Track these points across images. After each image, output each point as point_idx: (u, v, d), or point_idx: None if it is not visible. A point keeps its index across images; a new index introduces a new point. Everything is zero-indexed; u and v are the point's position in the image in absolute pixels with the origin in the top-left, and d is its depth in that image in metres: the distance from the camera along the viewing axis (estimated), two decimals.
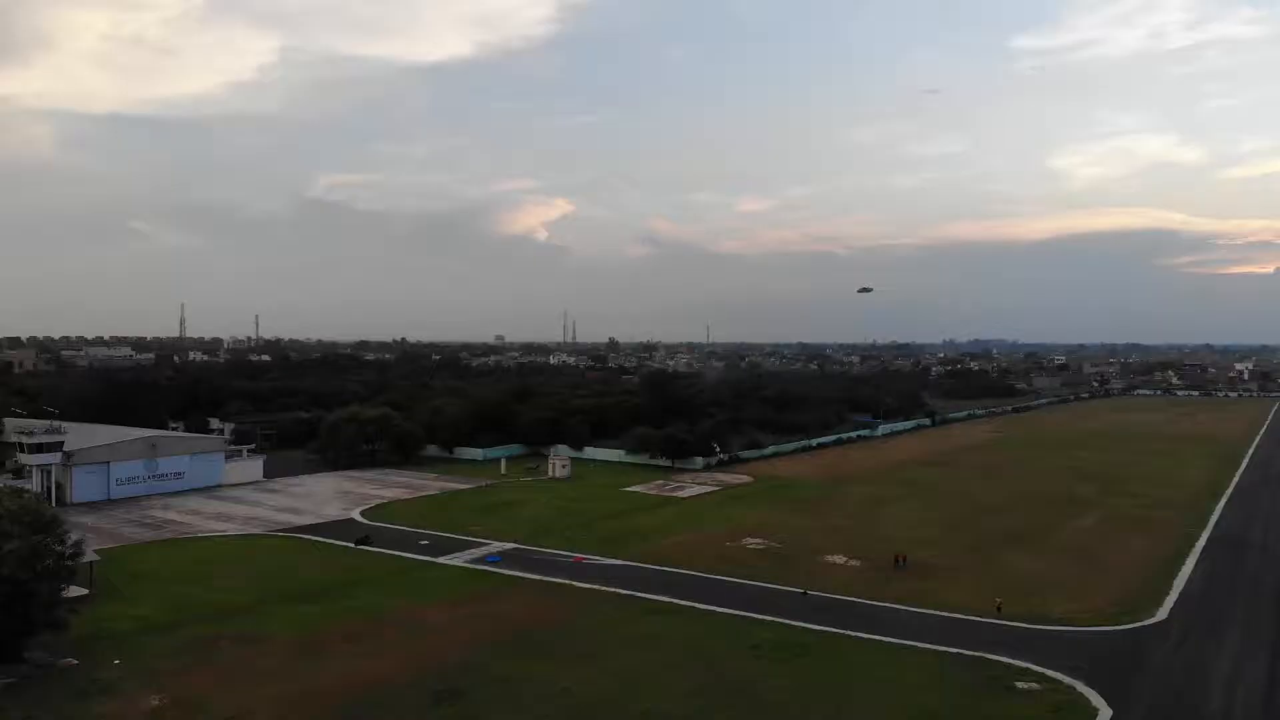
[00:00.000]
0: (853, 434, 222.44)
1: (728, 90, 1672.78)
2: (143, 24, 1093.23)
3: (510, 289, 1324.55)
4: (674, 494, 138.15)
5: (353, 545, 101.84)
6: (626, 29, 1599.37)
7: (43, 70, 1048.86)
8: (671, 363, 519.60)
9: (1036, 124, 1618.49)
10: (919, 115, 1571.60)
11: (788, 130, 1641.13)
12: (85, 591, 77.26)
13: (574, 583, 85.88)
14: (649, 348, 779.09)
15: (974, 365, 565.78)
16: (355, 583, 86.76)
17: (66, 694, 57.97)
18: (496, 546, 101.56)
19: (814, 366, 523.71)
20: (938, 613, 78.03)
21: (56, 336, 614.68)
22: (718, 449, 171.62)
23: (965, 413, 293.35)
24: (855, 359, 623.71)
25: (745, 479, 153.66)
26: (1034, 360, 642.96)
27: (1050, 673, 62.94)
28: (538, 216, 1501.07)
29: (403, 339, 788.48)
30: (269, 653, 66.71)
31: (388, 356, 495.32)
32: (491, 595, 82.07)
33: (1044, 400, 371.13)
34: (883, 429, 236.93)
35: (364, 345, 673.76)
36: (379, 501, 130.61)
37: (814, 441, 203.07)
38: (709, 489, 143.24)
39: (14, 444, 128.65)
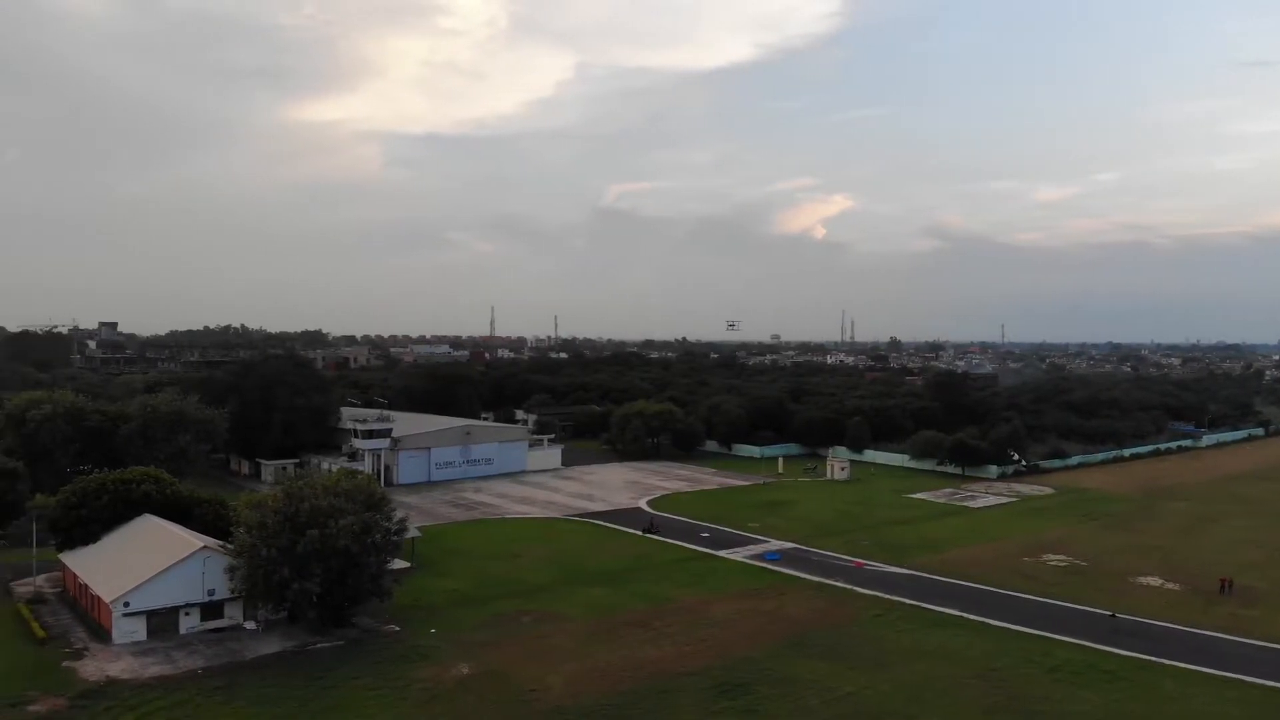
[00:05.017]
0: (1172, 444, 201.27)
1: (1022, 72, 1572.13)
2: (456, 49, 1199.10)
3: (787, 288, 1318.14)
4: (964, 503, 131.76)
5: (640, 533, 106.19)
6: (911, 17, 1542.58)
7: (369, 96, 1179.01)
8: (961, 363, 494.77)
9: None
10: (1243, 90, 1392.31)
11: (1092, 111, 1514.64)
12: (408, 565, 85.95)
13: (855, 588, 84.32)
14: (935, 347, 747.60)
15: None
16: (642, 569, 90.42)
17: (389, 657, 64.86)
18: (775, 545, 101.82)
19: (1127, 369, 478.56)
20: (1266, 644, 69.36)
21: (386, 335, 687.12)
22: (1015, 457, 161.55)
23: None
24: (1175, 361, 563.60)
25: (1045, 490, 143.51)
26: None
27: None
28: (816, 214, 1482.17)
29: (683, 338, 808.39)
30: (565, 631, 71.06)
31: (670, 355, 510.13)
32: (771, 593, 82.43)
33: None
34: (1207, 439, 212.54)
35: (649, 344, 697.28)
36: (663, 493, 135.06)
37: (1126, 452, 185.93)
38: (1004, 499, 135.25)
39: (350, 430, 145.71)
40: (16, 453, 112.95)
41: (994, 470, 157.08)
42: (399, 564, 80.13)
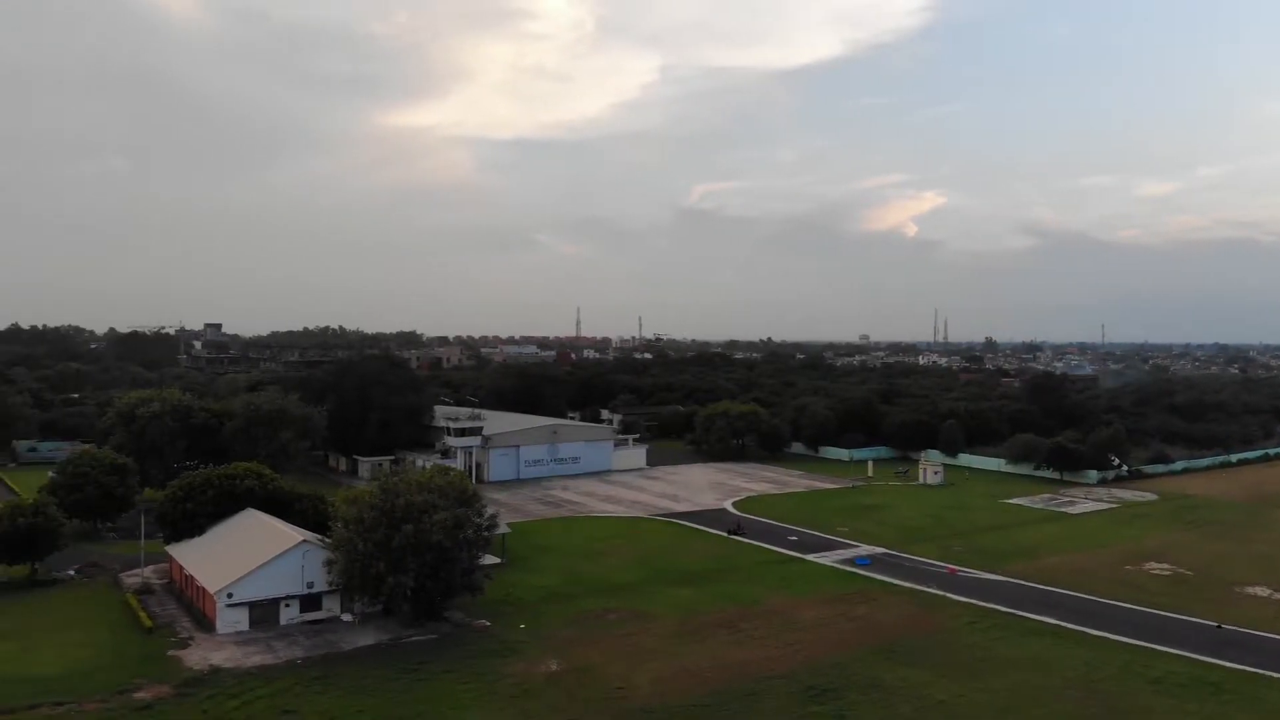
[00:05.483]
0: None
1: (1121, 64, 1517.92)
2: (543, 53, 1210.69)
3: (876, 287, 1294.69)
4: (1063, 509, 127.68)
5: (726, 534, 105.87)
6: (1003, 10, 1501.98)
7: (459, 101, 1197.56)
8: (1059, 364, 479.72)
9: None
10: None
11: (1194, 103, 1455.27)
12: (498, 560, 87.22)
13: (948, 594, 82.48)
14: (1032, 348, 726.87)
15: None
16: (729, 570, 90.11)
17: (480, 652, 65.98)
18: (865, 549, 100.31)
19: (1234, 370, 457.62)
20: None
21: (477, 336, 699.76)
22: (1115, 462, 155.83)
23: None
24: None
25: (1148, 496, 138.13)
26: None
27: None
28: (906, 211, 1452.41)
29: (768, 338, 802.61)
30: (651, 630, 71.28)
31: (755, 355, 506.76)
32: (860, 598, 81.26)
33: None
34: None
35: (733, 344, 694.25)
36: (748, 494, 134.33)
37: (1234, 457, 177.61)
38: (1104, 505, 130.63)
39: (443, 428, 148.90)
40: (126, 448, 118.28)
41: (1094, 475, 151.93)
42: (490, 559, 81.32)
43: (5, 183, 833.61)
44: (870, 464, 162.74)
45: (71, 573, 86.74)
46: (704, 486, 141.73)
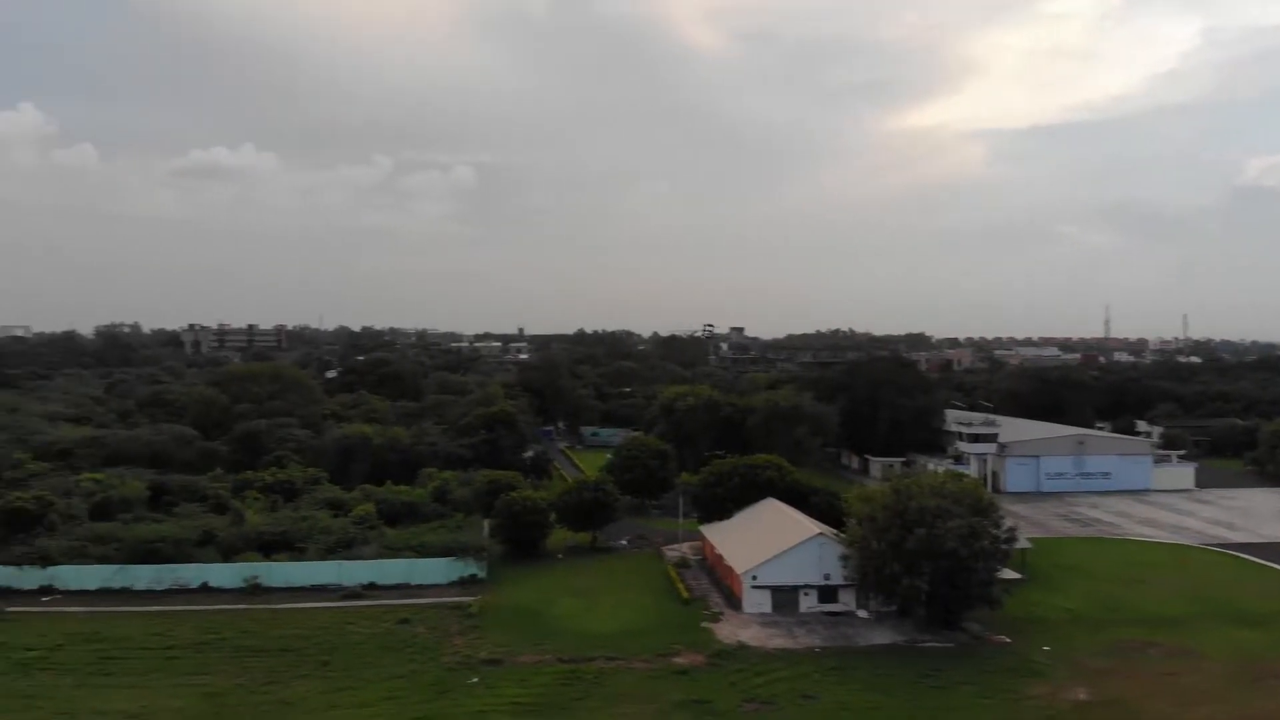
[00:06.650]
0: None
1: None
2: (1063, 34, 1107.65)
3: None
4: None
5: None
6: None
7: (971, 95, 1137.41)
8: None
9: None
10: None
11: None
12: (1018, 576, 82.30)
13: None
14: None
15: None
16: None
17: (999, 669, 62.97)
18: None
19: None
20: None
21: (989, 337, 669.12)
22: None
23: None
24: None
25: None
26: None
27: None
28: None
29: None
30: (1201, 671, 62.56)
31: None
32: None
33: None
34: None
35: None
36: None
37: None
38: None
39: (955, 433, 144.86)
40: (667, 436, 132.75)
41: None
42: (1008, 574, 77.33)
43: (578, 212, 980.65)
44: None
45: (624, 542, 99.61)
46: (1271, 515, 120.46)
